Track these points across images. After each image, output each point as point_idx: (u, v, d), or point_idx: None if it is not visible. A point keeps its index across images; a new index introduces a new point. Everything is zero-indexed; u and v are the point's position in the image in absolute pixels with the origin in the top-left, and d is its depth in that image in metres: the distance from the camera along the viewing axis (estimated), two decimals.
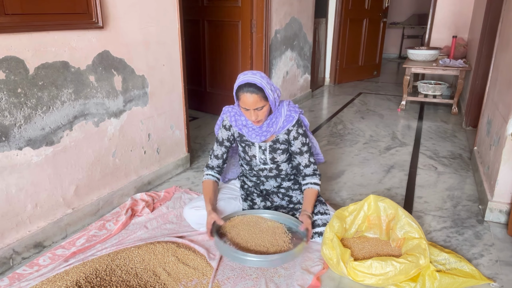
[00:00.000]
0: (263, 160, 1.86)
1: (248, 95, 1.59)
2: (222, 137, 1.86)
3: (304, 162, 1.84)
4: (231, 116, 1.81)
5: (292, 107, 1.79)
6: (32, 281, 1.51)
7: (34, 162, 1.67)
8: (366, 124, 3.70)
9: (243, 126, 1.79)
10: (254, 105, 1.60)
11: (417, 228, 1.61)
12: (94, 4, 1.77)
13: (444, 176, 2.55)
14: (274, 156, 1.84)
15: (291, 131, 1.78)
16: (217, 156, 1.89)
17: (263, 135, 1.76)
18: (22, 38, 1.53)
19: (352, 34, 5.53)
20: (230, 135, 1.86)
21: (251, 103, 1.60)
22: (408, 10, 8.24)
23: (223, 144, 1.87)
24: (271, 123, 1.75)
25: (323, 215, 1.82)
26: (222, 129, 1.86)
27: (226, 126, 1.84)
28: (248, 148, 1.85)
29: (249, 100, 1.60)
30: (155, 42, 2.21)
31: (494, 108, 2.28)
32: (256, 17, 3.44)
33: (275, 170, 1.89)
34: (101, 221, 1.95)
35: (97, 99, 1.91)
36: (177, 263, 1.61)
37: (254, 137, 1.77)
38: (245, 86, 1.60)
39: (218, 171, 1.91)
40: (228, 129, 1.84)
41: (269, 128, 1.75)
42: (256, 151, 1.84)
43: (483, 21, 3.29)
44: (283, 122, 1.75)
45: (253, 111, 1.63)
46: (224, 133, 1.85)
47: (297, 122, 1.78)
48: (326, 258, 1.60)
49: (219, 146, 1.88)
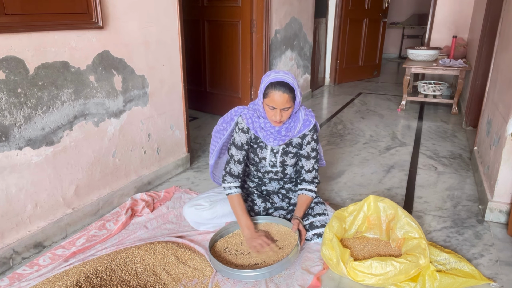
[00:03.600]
0: (272, 162, 1.84)
1: (280, 94, 1.56)
2: (240, 140, 1.78)
3: (308, 167, 1.84)
4: (248, 119, 1.75)
5: (308, 111, 1.78)
6: (32, 281, 1.51)
7: (34, 162, 1.67)
8: (366, 124, 3.70)
9: (260, 129, 1.74)
10: (282, 104, 1.58)
11: (417, 228, 1.61)
12: (94, 4, 1.77)
13: (444, 176, 2.55)
14: (285, 159, 1.83)
15: (307, 135, 1.79)
16: (239, 161, 1.80)
17: (281, 139, 1.72)
18: (22, 38, 1.53)
19: (352, 34, 5.53)
20: (248, 137, 1.79)
21: (281, 103, 1.58)
22: (408, 10, 8.24)
23: (243, 147, 1.79)
24: (289, 128, 1.73)
25: (321, 216, 1.82)
26: (239, 133, 1.78)
27: (244, 129, 1.77)
28: (260, 150, 1.82)
29: (280, 99, 1.57)
30: (155, 42, 2.21)
31: (494, 108, 2.28)
32: (256, 17, 3.44)
33: (281, 174, 1.89)
34: (101, 221, 1.95)
35: (97, 99, 1.91)
36: (177, 263, 1.61)
37: (272, 141, 1.73)
38: (278, 84, 1.57)
39: (241, 178, 1.85)
40: (246, 132, 1.77)
41: (288, 133, 1.72)
42: (267, 154, 1.82)
43: (483, 21, 3.29)
44: (300, 126, 1.74)
45: (279, 111, 1.60)
46: (243, 137, 1.78)
47: (314, 127, 1.79)
48: (325, 258, 1.60)
49: (238, 150, 1.79)
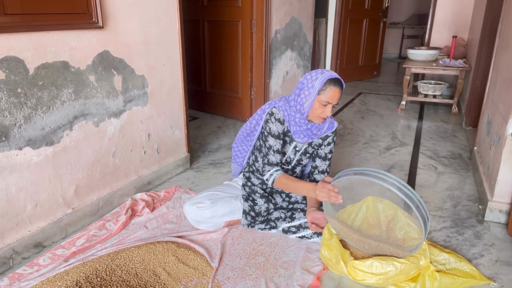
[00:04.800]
0: (289, 159, 1.88)
1: (337, 90, 1.65)
2: (277, 130, 1.77)
3: (322, 168, 1.90)
4: (284, 111, 1.76)
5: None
6: (32, 281, 1.51)
7: (34, 162, 1.67)
8: (366, 124, 3.70)
9: (294, 123, 1.77)
10: (335, 101, 1.67)
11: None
12: (94, 4, 1.77)
13: (444, 176, 2.55)
14: (302, 158, 1.88)
15: (329, 137, 1.85)
16: (278, 150, 1.79)
17: (310, 137, 1.80)
18: (22, 38, 1.53)
19: (352, 34, 5.53)
20: (284, 128, 1.79)
21: (335, 98, 1.66)
22: (408, 10, 8.24)
23: (280, 137, 1.79)
24: (319, 127, 1.79)
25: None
26: (276, 123, 1.76)
27: (281, 120, 1.77)
28: (283, 146, 1.85)
29: (337, 96, 1.66)
30: (155, 42, 2.21)
31: (494, 108, 2.28)
32: (256, 17, 3.44)
33: (290, 172, 1.93)
34: (101, 221, 1.95)
35: (97, 99, 1.91)
36: (177, 263, 1.61)
37: (301, 137, 1.79)
38: (336, 81, 1.65)
39: (281, 166, 1.85)
40: (282, 123, 1.77)
41: (317, 132, 1.80)
42: (289, 150, 1.86)
43: (483, 21, 3.29)
44: (326, 128, 1.82)
45: (330, 107, 1.67)
46: (280, 127, 1.77)
47: (336, 129, 1.86)
48: (325, 259, 1.60)
49: (277, 139, 1.78)
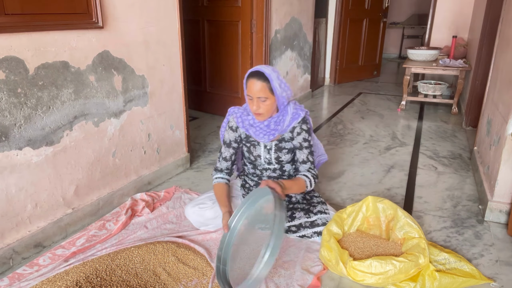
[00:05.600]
0: (267, 159, 1.85)
1: (254, 81, 1.62)
2: (229, 138, 1.85)
3: (302, 158, 1.82)
4: (238, 117, 1.81)
5: (298, 106, 1.81)
6: (32, 281, 1.51)
7: (34, 162, 1.67)
8: (366, 124, 3.70)
9: (250, 126, 1.79)
10: (258, 93, 1.63)
11: (417, 228, 1.62)
12: (94, 4, 1.77)
13: (444, 176, 2.55)
14: (279, 155, 1.83)
15: (296, 127, 1.79)
16: (226, 158, 1.87)
17: (271, 133, 1.76)
18: (22, 38, 1.53)
19: (352, 34, 5.53)
20: (237, 136, 1.85)
21: (256, 91, 1.62)
22: (408, 10, 8.24)
23: (231, 145, 1.86)
24: (278, 121, 1.76)
25: (323, 214, 1.82)
26: (228, 131, 1.85)
27: (233, 128, 1.84)
28: (253, 148, 1.85)
29: (254, 88, 1.62)
30: (155, 42, 2.21)
31: (494, 108, 2.28)
32: (256, 17, 3.44)
33: (279, 171, 1.89)
34: (101, 221, 1.95)
35: (97, 99, 1.91)
36: (177, 263, 1.61)
37: (262, 136, 1.77)
38: (253, 73, 1.64)
39: (227, 173, 1.89)
40: (235, 130, 1.84)
41: (277, 127, 1.76)
42: (261, 151, 1.84)
43: (483, 21, 3.29)
44: (289, 120, 1.77)
45: (256, 100, 1.65)
46: (231, 135, 1.85)
47: (303, 119, 1.79)
48: (325, 260, 1.60)
49: (226, 148, 1.87)
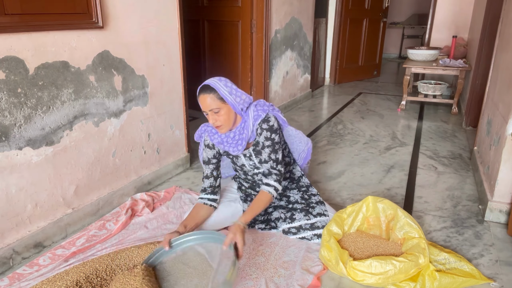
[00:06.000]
0: (252, 165, 1.83)
1: (202, 97, 1.60)
2: (207, 156, 1.81)
3: (264, 158, 1.74)
4: (211, 135, 1.78)
5: (261, 106, 1.72)
6: (32, 281, 1.51)
7: (34, 162, 1.67)
8: (366, 124, 3.70)
9: (219, 144, 1.76)
10: (209, 106, 1.59)
11: (417, 228, 1.61)
12: (94, 4, 1.77)
13: (444, 176, 2.55)
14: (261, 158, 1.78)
15: (257, 128, 1.71)
16: (207, 176, 1.83)
17: (238, 144, 1.71)
18: (22, 38, 1.53)
19: (352, 34, 5.53)
20: (216, 152, 1.81)
21: (207, 105, 1.59)
22: (408, 10, 8.24)
23: (210, 162, 1.82)
24: (242, 129, 1.71)
25: (322, 217, 1.82)
26: (206, 149, 1.81)
27: (210, 145, 1.80)
28: (236, 159, 1.84)
29: (204, 101, 1.59)
30: (155, 42, 2.21)
31: (494, 108, 2.28)
32: (256, 17, 3.44)
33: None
34: (101, 221, 1.95)
35: (97, 99, 1.91)
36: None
37: (232, 149, 1.72)
38: (200, 89, 1.61)
39: (212, 191, 1.83)
40: (212, 147, 1.80)
41: (241, 135, 1.71)
42: (243, 160, 1.82)
43: (483, 21, 3.29)
44: (252, 124, 1.70)
45: (210, 114, 1.61)
46: (209, 152, 1.81)
47: (264, 118, 1.70)
48: (325, 260, 1.60)
49: (206, 165, 1.83)
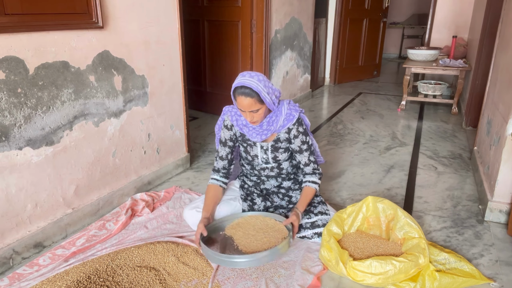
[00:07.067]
0: (265, 159, 1.86)
1: (243, 98, 1.60)
2: (224, 137, 1.86)
3: (304, 161, 1.84)
4: (232, 116, 1.81)
5: (292, 105, 1.79)
6: (32, 281, 1.51)
7: (34, 162, 1.67)
8: (366, 124, 3.70)
9: (243, 126, 1.79)
10: (249, 107, 1.62)
11: (417, 228, 1.61)
12: (94, 4, 1.77)
13: (444, 176, 2.55)
14: (276, 155, 1.84)
15: (292, 129, 1.78)
16: (222, 157, 1.88)
17: (263, 133, 1.75)
18: (22, 38, 1.53)
19: (352, 34, 5.53)
20: (233, 134, 1.86)
21: (246, 106, 1.61)
22: (408, 10, 8.24)
23: (227, 144, 1.87)
24: (271, 122, 1.75)
25: (323, 215, 1.82)
26: (224, 129, 1.86)
27: (228, 126, 1.84)
28: (250, 148, 1.85)
29: (244, 103, 1.61)
30: (155, 42, 2.21)
31: (494, 108, 2.28)
32: (256, 17, 3.44)
33: (277, 169, 1.90)
34: (101, 221, 1.95)
35: (97, 99, 1.91)
36: (177, 263, 1.61)
37: (255, 136, 1.77)
38: (241, 88, 1.59)
39: (224, 173, 1.89)
40: (230, 129, 1.84)
41: (270, 127, 1.75)
42: (258, 151, 1.84)
43: (483, 21, 3.29)
44: (283, 120, 1.76)
45: (248, 113, 1.65)
46: (227, 133, 1.85)
47: (298, 120, 1.78)
48: (324, 260, 1.60)
49: (222, 146, 1.87)
